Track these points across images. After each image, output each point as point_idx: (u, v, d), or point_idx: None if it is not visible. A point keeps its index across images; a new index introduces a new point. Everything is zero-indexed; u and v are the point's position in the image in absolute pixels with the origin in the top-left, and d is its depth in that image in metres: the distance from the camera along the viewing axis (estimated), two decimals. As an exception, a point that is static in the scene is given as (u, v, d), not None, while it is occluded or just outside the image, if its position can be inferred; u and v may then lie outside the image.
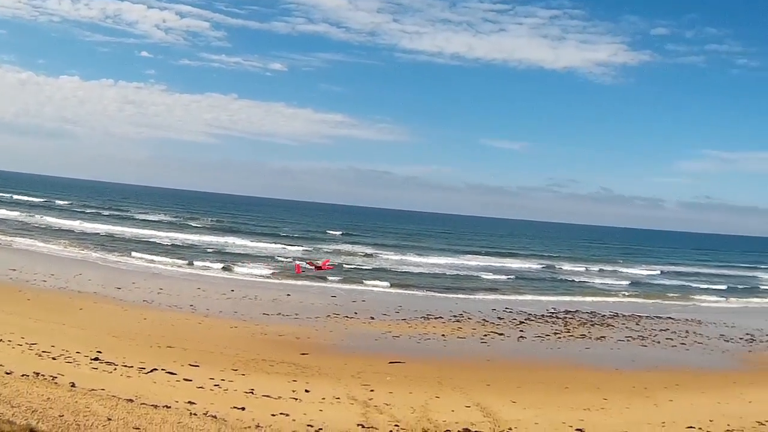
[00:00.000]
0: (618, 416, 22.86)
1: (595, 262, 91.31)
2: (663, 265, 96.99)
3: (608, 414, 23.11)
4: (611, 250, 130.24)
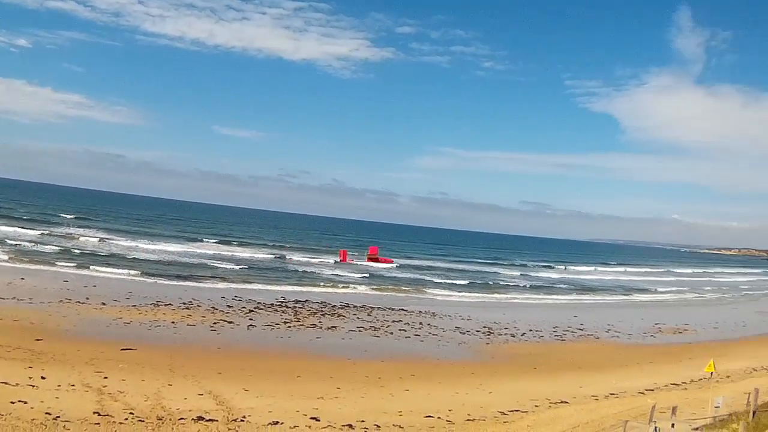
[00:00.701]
0: (353, 405, 28.92)
1: (327, 254, 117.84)
2: (398, 258, 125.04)
3: (343, 402, 29.24)
4: (344, 242, 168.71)
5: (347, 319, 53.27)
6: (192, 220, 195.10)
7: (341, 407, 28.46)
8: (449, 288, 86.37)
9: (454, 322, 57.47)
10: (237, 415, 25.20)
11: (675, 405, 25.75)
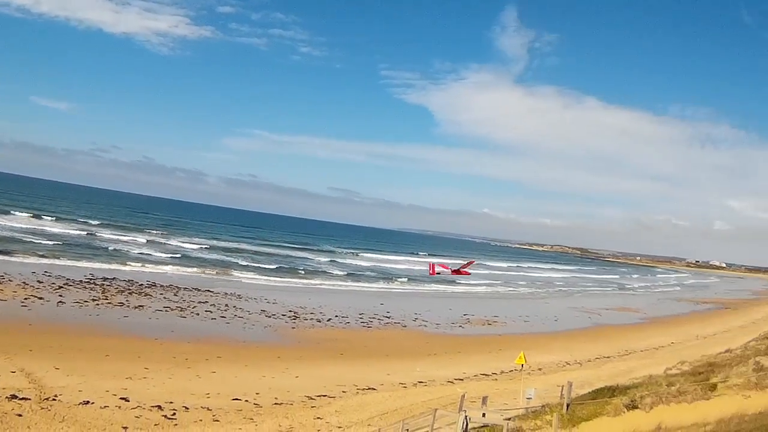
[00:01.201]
0: (162, 386, 28.88)
1: (137, 231, 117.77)
2: (206, 239, 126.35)
3: (151, 383, 29.20)
4: (154, 220, 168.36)
5: (154, 299, 53.06)
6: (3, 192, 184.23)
7: (150, 388, 28.44)
8: (256, 271, 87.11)
9: (260, 305, 57.78)
10: (49, 393, 25.35)
11: (485, 395, 26.63)
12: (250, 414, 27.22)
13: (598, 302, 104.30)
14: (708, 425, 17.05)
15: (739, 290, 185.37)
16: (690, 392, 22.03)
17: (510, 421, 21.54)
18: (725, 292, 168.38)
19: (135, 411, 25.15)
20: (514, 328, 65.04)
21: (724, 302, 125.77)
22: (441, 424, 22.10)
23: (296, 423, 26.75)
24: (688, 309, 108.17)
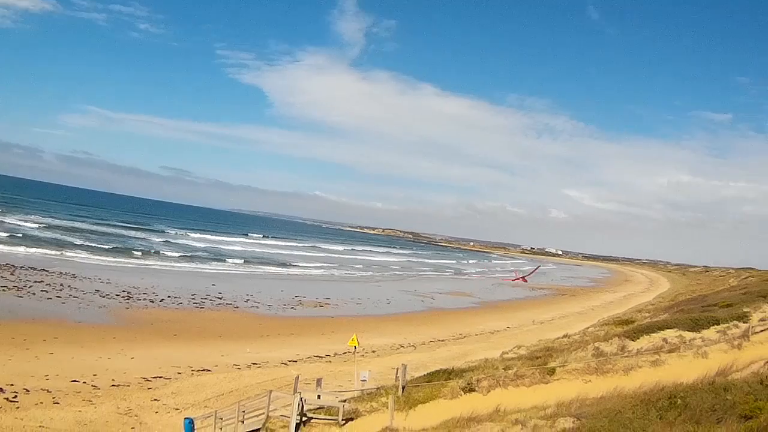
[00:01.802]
0: (2, 368, 28.27)
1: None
2: (41, 217, 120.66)
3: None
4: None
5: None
6: None
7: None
8: (91, 250, 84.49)
9: (94, 285, 56.46)
10: None
11: (320, 377, 26.49)
12: (89, 396, 27.25)
13: (432, 286, 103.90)
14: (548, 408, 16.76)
15: (577, 277, 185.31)
16: (528, 376, 22.64)
17: (346, 403, 21.85)
18: (562, 279, 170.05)
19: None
20: (347, 310, 64.87)
21: (561, 289, 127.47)
22: (276, 406, 22.46)
23: (134, 405, 27.06)
24: (523, 294, 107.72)
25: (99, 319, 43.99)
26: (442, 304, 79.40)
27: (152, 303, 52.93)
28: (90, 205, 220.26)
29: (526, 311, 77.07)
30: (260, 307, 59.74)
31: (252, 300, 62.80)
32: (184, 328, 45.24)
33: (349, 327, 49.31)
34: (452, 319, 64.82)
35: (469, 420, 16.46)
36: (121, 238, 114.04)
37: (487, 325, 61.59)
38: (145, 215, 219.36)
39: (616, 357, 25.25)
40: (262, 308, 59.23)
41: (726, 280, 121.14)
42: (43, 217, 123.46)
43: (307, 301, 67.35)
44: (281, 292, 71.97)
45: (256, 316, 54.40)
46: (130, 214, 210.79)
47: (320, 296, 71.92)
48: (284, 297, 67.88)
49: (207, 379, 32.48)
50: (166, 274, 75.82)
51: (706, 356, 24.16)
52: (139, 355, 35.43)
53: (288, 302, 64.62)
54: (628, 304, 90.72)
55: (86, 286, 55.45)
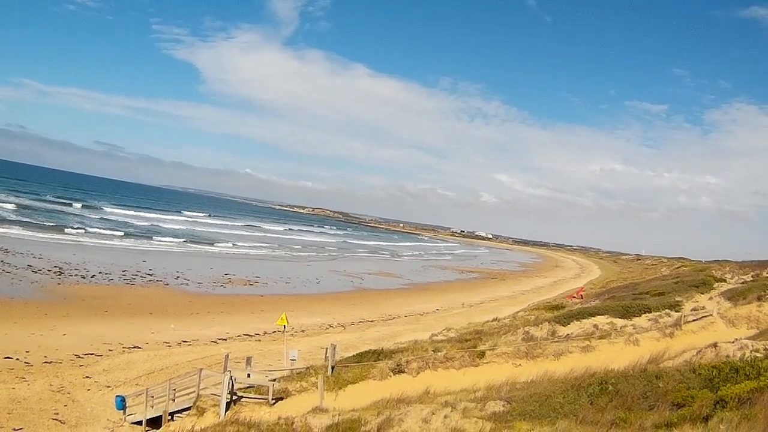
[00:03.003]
0: None
1: None
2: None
3: None
4: None
5: None
6: None
7: None
8: (22, 225, 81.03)
9: (27, 260, 54.15)
10: None
11: (250, 356, 25.74)
12: (21, 373, 26.21)
13: (361, 266, 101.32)
14: (478, 391, 16.35)
15: (507, 261, 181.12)
16: (458, 358, 22.35)
17: (275, 382, 21.47)
18: (492, 262, 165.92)
19: None
20: (276, 289, 62.86)
21: (490, 272, 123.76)
22: (207, 384, 22.07)
23: (66, 382, 26.18)
24: (453, 277, 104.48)
25: (31, 294, 42.14)
26: (371, 285, 77.70)
27: (84, 279, 51.00)
28: (23, 180, 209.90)
29: (456, 294, 75.28)
30: (190, 284, 57.96)
31: (182, 277, 60.93)
32: (115, 304, 43.69)
33: (278, 306, 48.42)
34: (381, 300, 63.31)
35: (398, 401, 16.19)
36: (54, 213, 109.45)
37: (416, 306, 60.18)
38: (78, 190, 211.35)
39: (546, 342, 25.11)
40: (192, 285, 57.40)
41: (658, 269, 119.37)
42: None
43: (237, 279, 65.56)
44: (211, 269, 70.07)
45: (186, 294, 52.86)
46: (63, 188, 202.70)
47: (249, 274, 70.08)
48: (214, 275, 65.92)
49: (138, 356, 31.61)
50: (98, 250, 73.04)
51: (637, 344, 24.17)
52: (71, 332, 34.14)
53: (217, 280, 62.76)
54: (558, 289, 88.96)
55: (18, 261, 53.12)
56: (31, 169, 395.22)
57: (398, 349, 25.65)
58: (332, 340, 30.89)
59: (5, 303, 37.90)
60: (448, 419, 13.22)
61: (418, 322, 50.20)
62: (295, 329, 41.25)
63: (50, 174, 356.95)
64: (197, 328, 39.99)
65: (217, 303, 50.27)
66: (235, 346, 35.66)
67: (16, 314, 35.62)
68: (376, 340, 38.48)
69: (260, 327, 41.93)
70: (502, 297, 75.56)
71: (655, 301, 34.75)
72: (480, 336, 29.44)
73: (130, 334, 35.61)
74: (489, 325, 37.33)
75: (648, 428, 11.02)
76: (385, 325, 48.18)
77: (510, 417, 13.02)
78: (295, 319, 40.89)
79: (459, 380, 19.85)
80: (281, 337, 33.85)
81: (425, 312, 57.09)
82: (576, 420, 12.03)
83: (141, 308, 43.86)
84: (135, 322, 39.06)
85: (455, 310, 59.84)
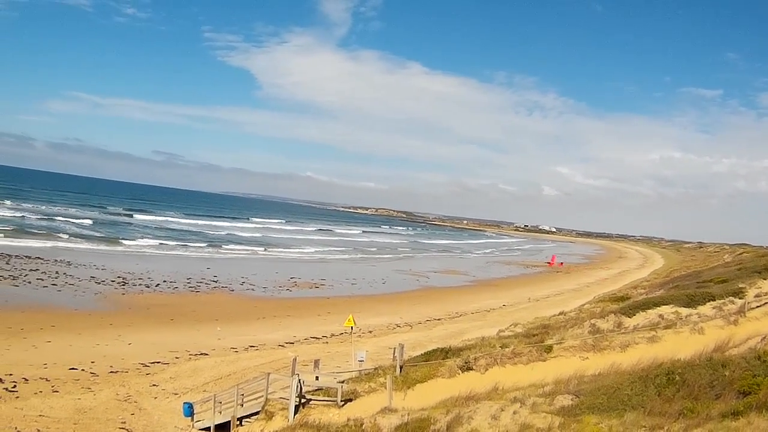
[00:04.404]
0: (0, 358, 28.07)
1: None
2: (34, 205, 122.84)
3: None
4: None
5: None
6: None
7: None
8: (85, 237, 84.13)
9: (89, 272, 56.16)
10: None
11: (317, 358, 26.21)
12: (87, 383, 27.09)
13: (426, 265, 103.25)
14: (546, 386, 16.65)
15: (570, 254, 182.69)
16: (525, 354, 22.49)
17: (344, 384, 21.78)
18: (556, 256, 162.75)
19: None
20: (342, 290, 64.03)
21: (554, 266, 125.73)
22: (275, 388, 22.38)
23: (133, 391, 26.95)
24: (518, 272, 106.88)
25: (95, 305, 43.72)
26: (437, 283, 78.87)
27: (148, 288, 52.60)
28: (82, 192, 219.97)
29: (521, 289, 76.10)
30: (256, 289, 59.32)
31: (247, 282, 62.26)
32: (180, 312, 44.95)
33: (344, 307, 49.20)
34: (447, 297, 64.29)
35: (467, 399, 16.28)
36: (114, 223, 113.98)
37: (482, 303, 60.88)
38: (140, 200, 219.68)
39: (612, 334, 25.10)
40: (258, 290, 58.79)
41: (720, 256, 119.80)
42: (36, 205, 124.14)
43: (302, 282, 66.68)
44: (276, 274, 71.35)
45: (252, 299, 54.07)
46: (123, 199, 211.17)
47: (315, 277, 71.29)
48: (279, 279, 67.30)
49: (205, 362, 32.32)
50: (161, 258, 75.34)
51: (702, 332, 24.01)
52: (137, 341, 35.21)
53: (283, 284, 64.11)
54: (623, 280, 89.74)
55: (82, 273, 55.09)
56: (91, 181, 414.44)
57: (466, 347, 25.71)
58: (399, 340, 30.95)
59: (69, 315, 39.40)
60: (516, 415, 13.36)
61: (484, 319, 50.83)
62: (362, 330, 41.74)
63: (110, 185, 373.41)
64: (264, 332, 40.79)
65: (284, 307, 51.32)
66: (303, 349, 36.23)
67: (81, 325, 36.94)
68: (443, 338, 38.71)
69: (327, 329, 42.60)
70: (567, 290, 76.77)
71: (718, 289, 34.26)
72: (547, 330, 29.67)
73: (196, 341, 36.52)
74: (555, 318, 37.79)
75: (714, 417, 11.10)
76: (452, 323, 48.81)
77: (578, 411, 13.17)
78: (362, 320, 41.33)
79: (527, 375, 20.01)
80: (349, 338, 34.35)
81: (491, 308, 57.95)
82: (644, 411, 12.18)
83: (207, 315, 44.92)
84: (201, 329, 40.08)
85: (521, 305, 60.68)
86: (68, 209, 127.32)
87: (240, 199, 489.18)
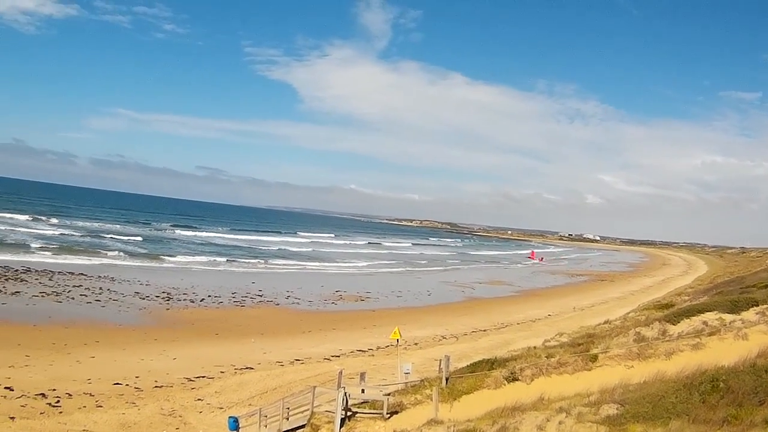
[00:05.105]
0: (44, 373, 28.73)
1: (10, 216, 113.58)
2: (78, 221, 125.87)
3: (34, 371, 28.99)
4: (27, 204, 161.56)
5: (30, 284, 52.05)
6: None
7: (32, 375, 28.27)
8: (128, 253, 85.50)
9: (133, 288, 57.07)
10: None
11: (363, 371, 26.21)
12: (131, 398, 27.43)
13: (471, 276, 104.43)
14: (592, 395, 16.91)
15: (615, 262, 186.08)
16: (571, 363, 22.56)
17: (390, 396, 21.87)
18: (601, 264, 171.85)
19: (20, 400, 24.99)
20: (388, 303, 64.80)
21: (599, 274, 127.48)
22: (321, 402, 22.51)
23: (178, 405, 27.18)
24: (563, 281, 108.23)
25: (140, 321, 44.42)
26: (482, 293, 79.78)
27: (192, 303, 53.29)
28: (125, 208, 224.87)
29: (566, 298, 77.17)
30: (301, 302, 59.80)
31: (293, 296, 62.83)
32: (226, 326, 45.41)
33: (390, 320, 49.81)
34: (492, 308, 65.11)
35: (513, 409, 16.49)
36: (158, 239, 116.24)
37: (527, 313, 61.74)
38: (185, 216, 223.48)
39: (657, 341, 25.12)
40: (303, 304, 59.28)
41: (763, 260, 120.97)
42: (80, 221, 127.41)
43: (348, 295, 67.46)
44: (321, 287, 72.00)
45: (298, 312, 54.53)
46: (169, 215, 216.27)
47: (360, 290, 72.03)
48: (324, 292, 67.92)
49: (250, 377, 32.56)
50: (205, 273, 76.43)
51: (746, 338, 23.93)
52: (182, 356, 35.66)
53: (328, 297, 64.74)
54: (666, 288, 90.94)
55: (125, 288, 56.08)
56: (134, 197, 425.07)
57: (511, 357, 25.87)
58: (445, 351, 31.27)
59: (113, 330, 40.10)
60: (562, 425, 13.65)
61: (530, 329, 51.36)
62: (408, 342, 41.91)
63: (152, 201, 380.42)
64: (310, 345, 41.03)
65: (329, 320, 51.76)
66: (348, 362, 36.33)
67: (125, 341, 37.53)
68: (488, 349, 38.99)
69: (373, 342, 42.98)
70: (612, 298, 77.93)
71: (761, 294, 34.35)
72: (592, 339, 29.79)
73: (241, 355, 36.83)
74: (600, 327, 37.98)
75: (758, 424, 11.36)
76: (498, 334, 49.27)
77: (623, 419, 13.43)
78: (407, 332, 41.52)
79: (572, 385, 19.99)
80: (394, 350, 34.76)
81: (537, 318, 58.75)
82: (688, 419, 12.51)
83: (252, 329, 45.33)
84: (246, 343, 40.43)
85: (566, 314, 61.60)
86: (114, 225, 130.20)
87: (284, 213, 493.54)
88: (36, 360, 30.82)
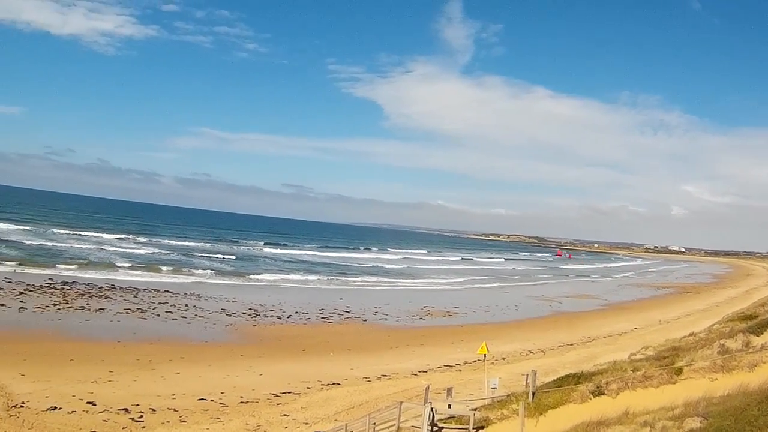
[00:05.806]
0: (127, 388, 29.35)
1: (95, 235, 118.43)
2: (164, 239, 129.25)
3: (117, 386, 29.62)
4: (112, 223, 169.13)
5: (115, 301, 53.40)
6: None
7: (115, 391, 28.86)
8: (215, 270, 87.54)
9: (219, 304, 58.01)
10: (16, 401, 25.86)
11: (450, 386, 26.71)
12: (216, 413, 27.62)
13: (558, 290, 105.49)
14: (676, 409, 17.05)
15: (699, 274, 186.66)
16: (656, 376, 22.40)
17: (476, 412, 21.87)
18: (686, 276, 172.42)
19: (102, 415, 25.49)
20: (475, 318, 65.15)
21: (684, 286, 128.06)
22: (407, 417, 22.53)
23: (263, 421, 27.22)
24: (648, 294, 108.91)
25: (226, 337, 45.06)
26: (569, 308, 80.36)
27: (279, 319, 53.86)
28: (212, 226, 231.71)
29: (652, 311, 77.88)
30: (389, 318, 60.07)
31: (380, 312, 63.11)
32: (313, 342, 45.68)
33: (477, 335, 50.18)
34: (579, 322, 65.65)
35: (598, 424, 16.81)
36: (245, 256, 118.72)
37: (614, 326, 62.19)
38: (273, 233, 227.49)
39: (740, 353, 24.38)
40: (391, 320, 59.54)
41: None
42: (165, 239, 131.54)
43: (435, 310, 67.82)
44: (409, 303, 72.40)
45: (385, 328, 54.74)
46: (254, 232, 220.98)
47: (448, 305, 72.50)
48: (412, 308, 68.32)
49: (336, 392, 32.46)
50: (292, 290, 77.23)
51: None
52: (268, 371, 35.91)
53: (416, 313, 65.10)
54: (750, 298, 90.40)
55: (211, 305, 57.11)
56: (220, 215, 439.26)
57: (597, 371, 25.94)
58: (532, 366, 30.70)
59: (200, 347, 40.69)
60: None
61: (616, 342, 51.51)
62: (495, 357, 42.04)
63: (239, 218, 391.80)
64: (397, 361, 40.98)
65: (416, 336, 52.00)
66: (435, 377, 36.34)
67: (211, 357, 38.03)
68: (575, 363, 38.54)
69: (460, 357, 43.05)
70: (697, 310, 79.24)
71: None
72: (677, 352, 29.41)
73: (328, 371, 36.90)
74: (685, 340, 37.49)
75: None
76: (584, 348, 49.48)
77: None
78: (494, 347, 41.43)
79: (657, 398, 20.24)
80: (482, 366, 34.57)
81: (623, 332, 59.08)
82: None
83: (339, 345, 45.46)
84: (333, 359, 40.53)
85: (652, 327, 62.16)
86: (203, 243, 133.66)
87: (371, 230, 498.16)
88: (119, 375, 31.48)
